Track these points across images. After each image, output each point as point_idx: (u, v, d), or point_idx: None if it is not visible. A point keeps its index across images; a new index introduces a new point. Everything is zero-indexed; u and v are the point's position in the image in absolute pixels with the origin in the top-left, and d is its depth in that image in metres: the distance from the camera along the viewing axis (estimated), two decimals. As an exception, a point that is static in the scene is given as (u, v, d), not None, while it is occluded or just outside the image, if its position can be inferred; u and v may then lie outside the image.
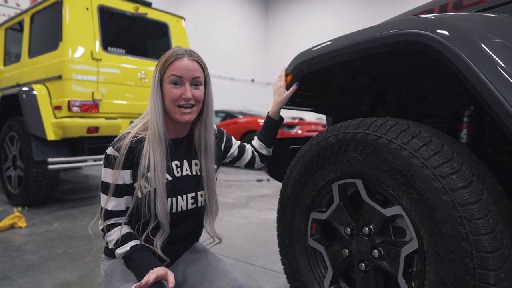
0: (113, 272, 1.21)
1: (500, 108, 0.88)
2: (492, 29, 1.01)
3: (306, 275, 1.42)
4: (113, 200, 1.17)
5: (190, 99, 1.19)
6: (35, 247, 2.60)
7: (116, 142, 1.18)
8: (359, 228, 1.23)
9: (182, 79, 1.18)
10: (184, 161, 1.28)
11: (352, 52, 1.20)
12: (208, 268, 1.24)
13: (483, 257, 0.90)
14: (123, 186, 1.17)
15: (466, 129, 1.29)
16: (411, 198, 1.03)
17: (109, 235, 1.17)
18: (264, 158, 1.55)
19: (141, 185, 1.16)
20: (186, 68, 1.18)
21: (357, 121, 1.20)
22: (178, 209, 1.23)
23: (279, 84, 1.52)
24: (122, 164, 1.15)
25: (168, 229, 1.19)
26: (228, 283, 1.17)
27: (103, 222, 1.19)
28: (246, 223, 3.32)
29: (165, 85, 1.20)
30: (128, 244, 1.15)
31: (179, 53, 1.20)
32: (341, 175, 1.25)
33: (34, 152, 3.61)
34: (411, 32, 1.02)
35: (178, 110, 1.19)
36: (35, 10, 4.18)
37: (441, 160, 0.98)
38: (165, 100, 1.20)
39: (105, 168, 1.18)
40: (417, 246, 1.07)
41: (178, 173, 1.25)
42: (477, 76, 0.91)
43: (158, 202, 1.15)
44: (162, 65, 1.20)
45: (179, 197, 1.23)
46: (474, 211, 0.91)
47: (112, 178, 1.15)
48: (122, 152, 1.15)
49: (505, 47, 0.96)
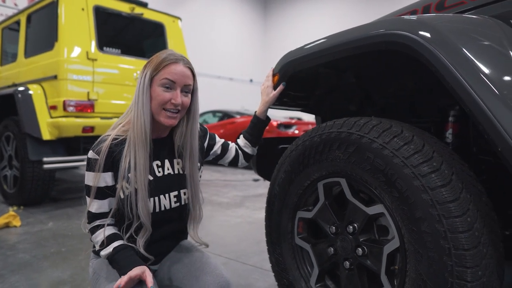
0: (100, 270, 1.22)
1: (476, 109, 0.89)
2: (472, 31, 1.02)
3: (293, 273, 1.43)
4: (95, 202, 1.18)
5: (178, 105, 1.19)
6: (29, 246, 2.61)
7: (96, 145, 1.18)
8: (344, 227, 1.24)
9: (174, 84, 1.19)
10: (165, 161, 1.28)
11: (336, 53, 1.22)
12: (194, 265, 1.24)
13: (461, 255, 0.91)
14: (105, 188, 1.18)
15: (451, 129, 1.31)
16: (392, 197, 1.04)
17: (95, 237, 1.18)
18: (248, 156, 1.55)
19: (123, 186, 1.16)
20: (181, 73, 1.19)
21: (341, 121, 1.21)
22: (161, 208, 1.23)
23: (266, 84, 1.53)
24: (102, 167, 1.15)
25: (150, 229, 1.20)
26: (214, 279, 1.18)
27: (88, 225, 1.20)
28: (240, 222, 3.33)
29: (154, 87, 1.19)
30: (111, 245, 1.15)
31: (175, 57, 1.20)
32: (326, 174, 1.27)
33: (30, 152, 3.61)
34: (391, 33, 1.04)
35: (163, 113, 1.20)
36: (31, 10, 4.19)
37: (421, 159, 0.99)
38: (152, 102, 1.20)
39: (87, 172, 1.18)
40: (399, 244, 1.08)
41: (159, 172, 1.26)
42: (454, 77, 0.92)
43: (140, 202, 1.15)
44: (156, 66, 1.19)
45: (161, 196, 1.23)
46: (452, 209, 0.93)
47: (93, 181, 1.16)
48: (102, 155, 1.15)
49: (483, 49, 0.97)
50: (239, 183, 5.69)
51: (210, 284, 1.16)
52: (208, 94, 10.10)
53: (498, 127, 0.85)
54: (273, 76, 1.51)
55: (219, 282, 1.17)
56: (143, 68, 1.22)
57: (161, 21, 4.66)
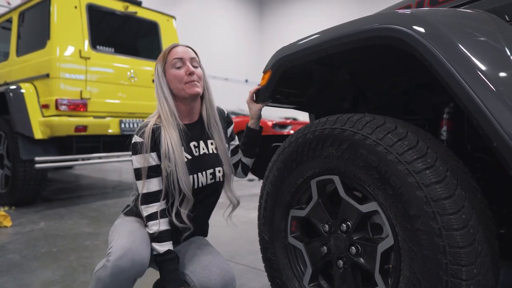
0: (119, 225, 1.37)
1: (471, 104, 0.87)
2: (466, 25, 1.01)
3: (286, 272, 1.40)
4: (147, 182, 1.29)
5: (193, 73, 1.34)
6: (19, 246, 2.57)
7: (138, 130, 1.32)
8: (337, 225, 1.22)
9: (183, 60, 1.35)
10: (200, 142, 1.41)
11: (328, 48, 1.20)
12: (206, 256, 1.35)
13: (456, 253, 0.89)
14: (154, 167, 1.30)
15: (446, 126, 1.29)
16: (386, 194, 1.02)
17: (150, 224, 1.29)
18: (246, 168, 1.62)
19: (166, 165, 1.29)
20: (183, 51, 1.37)
21: (334, 117, 1.19)
22: (199, 185, 1.37)
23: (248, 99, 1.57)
24: (149, 148, 1.28)
25: (192, 198, 1.32)
26: (220, 272, 1.28)
27: (143, 207, 1.30)
28: (234, 222, 3.30)
29: (169, 72, 1.35)
30: (163, 245, 1.28)
31: (173, 44, 1.40)
32: (319, 171, 1.24)
33: (21, 151, 3.57)
34: (384, 27, 1.02)
35: (186, 85, 1.33)
36: (23, 8, 4.14)
37: (415, 156, 0.97)
38: (172, 85, 1.35)
39: (134, 156, 1.30)
40: (393, 243, 1.06)
41: (196, 152, 1.39)
42: (449, 72, 0.90)
43: (181, 176, 1.28)
44: (162, 58, 1.37)
45: (199, 174, 1.36)
46: (447, 206, 0.91)
47: (142, 162, 1.28)
48: (146, 136, 1.28)
49: (478, 43, 0.96)
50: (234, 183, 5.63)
51: (216, 275, 1.27)
52: (203, 94, 10.01)
53: (493, 122, 0.84)
54: (265, 73, 1.49)
55: (224, 276, 1.28)
56: (154, 67, 1.40)
57: (155, 20, 4.63)
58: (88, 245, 2.61)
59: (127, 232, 1.29)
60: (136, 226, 1.34)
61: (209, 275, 1.27)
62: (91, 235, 2.86)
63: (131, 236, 1.25)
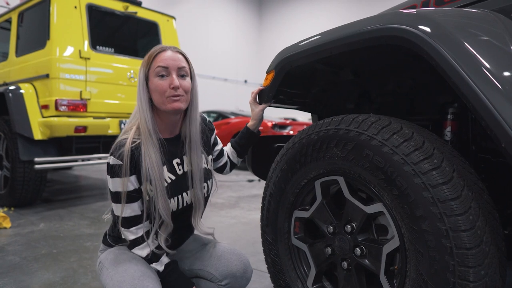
0: (105, 261, 1.26)
1: (479, 104, 0.86)
2: (473, 25, 1.00)
3: (290, 274, 1.40)
4: (128, 207, 1.19)
5: (178, 87, 1.18)
6: (19, 247, 2.55)
7: (115, 151, 1.17)
8: (342, 226, 1.21)
9: (168, 70, 1.19)
10: (184, 157, 1.30)
11: (333, 48, 1.19)
12: (215, 247, 1.34)
13: (463, 254, 0.88)
14: (133, 191, 1.19)
15: (450, 126, 1.29)
16: (392, 195, 1.02)
17: (139, 249, 1.21)
18: (232, 166, 1.58)
19: (147, 188, 1.18)
20: (170, 58, 1.19)
21: (339, 118, 1.19)
22: (184, 204, 1.28)
23: (250, 100, 1.56)
24: (129, 171, 1.16)
25: (171, 224, 1.23)
26: (237, 257, 1.31)
27: (125, 231, 1.21)
28: (234, 223, 3.30)
29: (151, 80, 1.20)
30: (161, 260, 1.22)
31: (162, 47, 1.22)
32: (323, 172, 1.24)
33: (21, 152, 3.55)
34: (392, 27, 1.01)
35: (167, 99, 1.19)
36: (22, 8, 4.13)
37: (422, 156, 0.97)
38: (153, 95, 1.20)
39: (112, 178, 1.17)
40: (398, 244, 1.05)
41: (180, 170, 1.28)
42: (456, 72, 0.90)
43: (160, 200, 1.17)
44: (146, 61, 1.21)
45: (184, 194, 1.28)
46: (454, 208, 0.90)
47: (122, 186, 1.16)
48: (125, 159, 1.15)
49: (485, 43, 0.95)
50: (234, 184, 5.65)
51: (234, 261, 1.30)
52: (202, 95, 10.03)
53: (501, 122, 0.83)
54: (268, 73, 1.48)
55: (242, 260, 1.33)
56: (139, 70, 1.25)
57: (155, 20, 4.62)
58: (89, 246, 2.60)
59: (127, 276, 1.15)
60: (127, 260, 1.22)
61: (227, 263, 1.28)
62: (91, 236, 2.85)
63: (128, 276, 1.14)
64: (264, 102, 1.52)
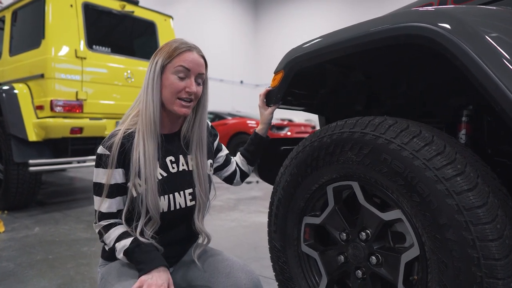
0: (108, 275, 1.16)
1: (508, 105, 0.82)
2: (496, 23, 0.95)
3: (299, 282, 1.34)
4: (106, 201, 1.12)
5: (192, 94, 1.16)
6: (13, 253, 2.47)
7: (106, 140, 1.13)
8: (356, 233, 1.16)
9: (189, 72, 1.15)
10: (180, 156, 1.23)
11: (348, 48, 1.14)
12: (222, 263, 1.21)
13: (491, 265, 0.84)
14: (116, 186, 1.12)
15: (464, 129, 1.24)
16: (412, 202, 0.97)
17: (107, 237, 1.12)
18: (243, 175, 1.51)
19: (135, 183, 1.11)
20: (195, 62, 1.16)
21: (353, 120, 1.13)
22: (176, 206, 1.18)
23: (259, 103, 1.50)
24: (116, 163, 1.10)
25: (159, 221, 1.14)
26: (246, 275, 1.17)
27: (98, 224, 1.14)
28: (234, 227, 3.24)
29: (167, 75, 1.15)
30: (128, 239, 1.09)
31: (189, 45, 1.17)
32: (336, 177, 1.18)
33: (15, 154, 3.47)
34: (413, 26, 0.96)
35: (177, 102, 1.15)
36: (16, 7, 4.04)
37: (445, 161, 0.92)
38: (164, 90, 1.16)
39: (97, 168, 1.12)
40: (419, 253, 1.00)
41: (173, 168, 1.21)
42: (483, 71, 0.85)
43: (149, 194, 1.10)
44: (169, 54, 1.15)
45: (176, 194, 1.18)
46: (480, 216, 0.85)
47: (105, 178, 1.10)
48: (114, 149, 1.10)
49: (510, 41, 0.90)
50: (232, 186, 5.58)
51: (243, 279, 1.15)
52: (198, 95, 9.94)
53: (533, 126, 0.78)
54: (276, 73, 1.43)
55: (251, 278, 1.17)
56: (153, 57, 1.17)
57: (152, 20, 4.55)
58: (86, 251, 2.52)
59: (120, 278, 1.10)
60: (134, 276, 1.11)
61: (236, 281, 1.16)
62: (88, 240, 2.77)
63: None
64: (272, 103, 1.46)
